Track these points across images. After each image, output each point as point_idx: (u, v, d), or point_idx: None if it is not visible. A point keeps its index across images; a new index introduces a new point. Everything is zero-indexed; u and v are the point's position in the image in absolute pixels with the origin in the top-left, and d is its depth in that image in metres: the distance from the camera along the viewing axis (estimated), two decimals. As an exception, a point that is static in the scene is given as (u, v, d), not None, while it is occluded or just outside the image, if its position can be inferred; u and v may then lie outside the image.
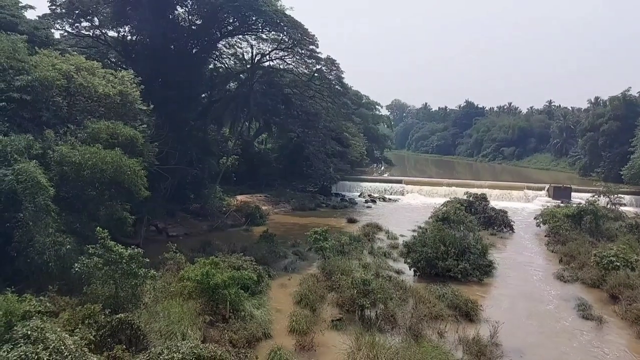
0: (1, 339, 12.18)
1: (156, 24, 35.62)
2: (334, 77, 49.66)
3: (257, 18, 40.35)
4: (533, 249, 35.61)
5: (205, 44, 42.57)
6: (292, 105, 50.45)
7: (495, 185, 64.75)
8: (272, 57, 47.94)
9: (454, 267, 26.16)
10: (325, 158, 52.48)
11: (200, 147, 40.71)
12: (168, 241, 25.54)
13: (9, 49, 21.51)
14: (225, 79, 51.35)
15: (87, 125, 22.81)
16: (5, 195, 17.69)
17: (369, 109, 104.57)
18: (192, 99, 40.92)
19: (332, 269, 24.76)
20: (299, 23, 41.65)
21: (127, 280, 16.99)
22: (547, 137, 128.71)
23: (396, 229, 38.32)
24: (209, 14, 39.33)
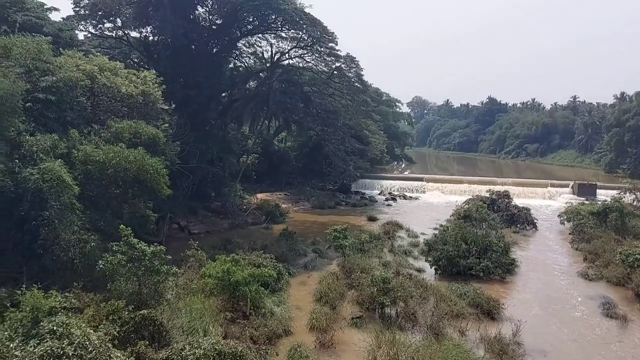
0: (28, 334, 12.50)
1: (177, 24, 36.00)
2: (354, 75, 49.52)
3: (277, 16, 40.51)
4: (557, 247, 35.08)
5: (226, 44, 42.88)
6: (312, 103, 50.45)
7: (518, 183, 63.87)
8: (292, 56, 48.14)
9: (475, 266, 25.95)
10: (345, 156, 52.40)
11: (220, 146, 41.03)
12: (190, 239, 25.84)
13: (34, 51, 21.93)
14: (245, 78, 51.64)
15: (111, 124, 23.16)
16: (31, 194, 18.09)
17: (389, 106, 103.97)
18: (213, 98, 41.30)
19: (351, 267, 24.79)
20: (318, 21, 41.68)
21: (150, 277, 17.25)
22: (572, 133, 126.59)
23: (417, 227, 38.11)
24: (229, 13, 39.60)
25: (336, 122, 51.18)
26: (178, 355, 13.04)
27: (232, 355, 13.31)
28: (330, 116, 50.83)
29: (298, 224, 39.63)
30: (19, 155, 18.76)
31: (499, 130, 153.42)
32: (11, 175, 17.85)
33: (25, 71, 21.14)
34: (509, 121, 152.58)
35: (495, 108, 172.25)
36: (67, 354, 11.41)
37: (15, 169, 18.13)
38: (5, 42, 22.09)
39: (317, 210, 48.43)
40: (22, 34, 24.13)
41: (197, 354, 12.92)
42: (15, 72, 20.29)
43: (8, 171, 17.75)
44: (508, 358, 16.58)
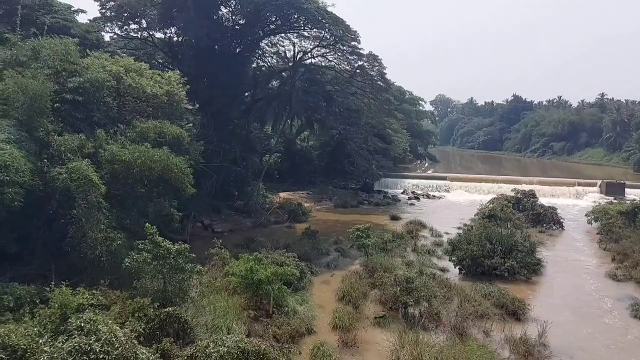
0: (57, 330, 12.77)
1: (201, 25, 36.32)
2: (376, 73, 49.29)
3: (299, 16, 40.57)
4: (584, 247, 34.36)
5: (249, 43, 43.12)
6: (334, 102, 50.41)
7: (544, 182, 62.78)
8: (314, 55, 48.14)
9: (500, 265, 25.59)
10: (367, 155, 52.23)
11: (243, 145, 41.31)
12: (213, 237, 26.06)
13: (62, 52, 22.35)
14: (267, 78, 51.86)
15: (136, 124, 23.47)
16: (59, 193, 18.49)
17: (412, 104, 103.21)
18: (236, 97, 41.60)
19: (374, 266, 24.70)
20: (341, 19, 41.61)
21: (174, 275, 17.42)
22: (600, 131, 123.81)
23: (440, 226, 37.76)
24: (252, 13, 39.80)
25: (359, 121, 51.05)
26: (202, 353, 13.17)
27: (256, 353, 13.39)
28: (353, 115, 50.73)
29: (320, 223, 39.64)
30: (47, 155, 19.17)
31: (524, 129, 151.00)
32: (40, 174, 18.26)
33: (53, 72, 21.59)
34: (534, 119, 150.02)
35: (521, 106, 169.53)
36: (94, 350, 11.63)
37: (44, 168, 18.54)
38: (34, 44, 22.61)
39: (340, 209, 48.37)
40: (51, 36, 24.66)
41: (221, 352, 13.04)
42: (44, 73, 20.74)
43: (37, 170, 18.14)
44: (534, 359, 16.31)
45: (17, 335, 11.92)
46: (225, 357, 12.97)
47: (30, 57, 22.02)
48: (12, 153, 16.90)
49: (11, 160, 16.56)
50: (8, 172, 16.28)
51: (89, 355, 11.54)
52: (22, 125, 18.93)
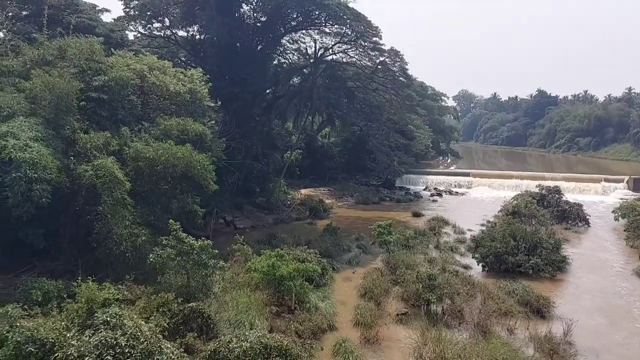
0: (84, 324, 13.02)
1: (223, 23, 36.54)
2: (398, 69, 48.96)
3: (320, 12, 40.48)
4: (610, 244, 33.68)
5: (270, 40, 43.22)
6: (355, 98, 50.22)
7: (569, 178, 61.64)
8: (335, 51, 47.97)
9: (524, 263, 25.27)
10: (389, 151, 51.94)
11: (265, 142, 41.49)
12: (235, 233, 26.25)
13: (87, 51, 22.72)
14: (289, 74, 51.90)
15: (160, 122, 23.74)
16: (85, 190, 18.85)
17: (434, 100, 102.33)
18: (257, 94, 41.77)
19: (396, 263, 24.62)
20: (362, 15, 41.38)
21: (198, 270, 17.64)
22: (627, 126, 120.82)
23: (463, 223, 37.42)
24: (273, 10, 39.87)
25: (380, 117, 50.79)
26: (225, 348, 13.29)
27: (278, 348, 13.47)
28: (374, 111, 50.47)
29: (342, 220, 39.63)
30: (74, 153, 19.53)
31: (549, 124, 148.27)
32: (67, 171, 18.61)
33: (79, 71, 21.95)
34: (559, 114, 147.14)
35: (545, 101, 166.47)
36: (120, 344, 11.84)
37: (71, 165, 18.89)
38: (60, 43, 23.02)
39: (361, 205, 48.27)
40: (76, 35, 25.05)
41: (243, 347, 13.15)
42: (70, 72, 21.10)
43: (64, 168, 18.49)
44: (559, 358, 16.10)
45: (46, 329, 12.19)
46: (248, 352, 13.08)
47: (56, 57, 22.42)
48: (39, 151, 17.27)
49: (39, 158, 16.92)
50: (36, 170, 16.64)
51: (114, 349, 11.76)
52: (49, 124, 19.31)
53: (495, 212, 40.28)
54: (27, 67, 21.80)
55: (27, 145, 17.06)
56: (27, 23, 29.26)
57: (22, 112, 19.16)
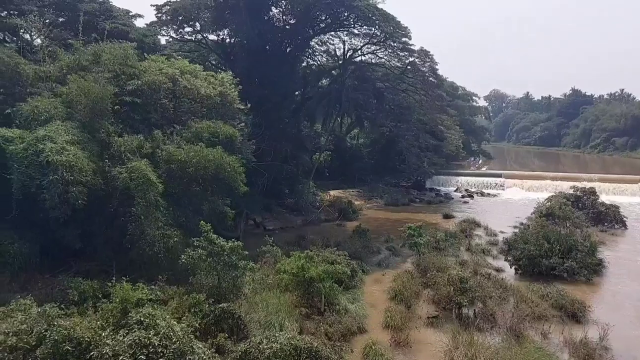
0: (118, 324, 13.29)
1: (252, 26, 36.89)
2: (428, 69, 48.54)
3: (349, 14, 40.49)
4: (650, 247, 32.58)
5: (299, 43, 43.41)
6: (384, 99, 49.99)
7: (605, 179, 59.91)
8: (364, 52, 47.96)
9: (559, 266, 24.69)
10: (419, 152, 51.51)
11: (294, 144, 41.64)
12: (265, 235, 26.42)
13: (121, 56, 23.22)
14: (317, 76, 52.04)
15: (191, 125, 24.08)
16: (120, 192, 19.23)
17: (465, 100, 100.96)
18: (287, 97, 41.99)
19: (427, 266, 24.35)
20: (391, 16, 41.18)
21: (228, 271, 17.81)
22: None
23: (495, 225, 36.79)
24: (302, 12, 40.03)
25: (410, 118, 50.46)
26: (256, 349, 13.39)
27: (308, 350, 13.49)
28: (404, 112, 50.18)
29: (371, 221, 39.45)
30: (108, 155, 19.95)
31: (583, 124, 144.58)
32: (102, 174, 19.02)
33: (113, 76, 22.43)
34: (594, 114, 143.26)
35: (580, 100, 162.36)
36: (153, 343, 12.05)
37: (106, 168, 19.30)
38: (95, 49, 23.60)
39: (391, 207, 47.97)
40: (110, 40, 25.62)
41: (274, 348, 13.21)
42: (104, 77, 21.58)
43: (99, 170, 18.91)
44: (595, 364, 15.65)
45: (82, 328, 12.49)
46: (278, 353, 13.14)
47: (91, 62, 22.98)
48: (76, 154, 17.71)
49: (75, 161, 17.36)
50: (72, 172, 17.08)
51: (148, 349, 11.98)
52: (85, 127, 19.81)
53: (528, 214, 39.51)
54: (64, 73, 22.40)
55: (64, 149, 17.51)
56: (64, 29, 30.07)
57: (59, 116, 19.68)
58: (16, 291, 16.94)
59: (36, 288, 17.73)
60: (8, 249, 18.29)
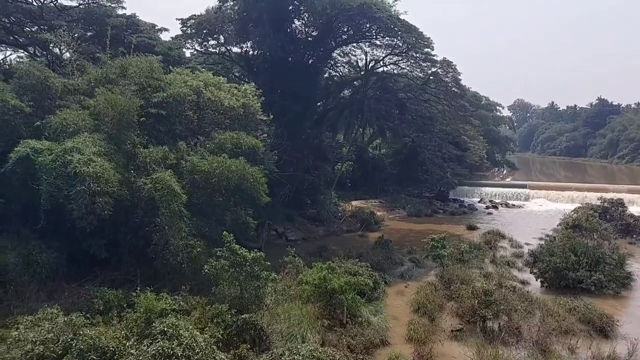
0: (142, 334, 13.42)
1: (275, 38, 37.28)
2: (451, 80, 48.28)
3: (371, 25, 40.59)
4: (682, 261, 31.60)
5: (321, 54, 43.70)
6: (407, 109, 49.85)
7: (634, 190, 58.50)
8: (386, 63, 47.98)
9: (586, 279, 24.13)
10: (442, 162, 51.13)
11: (316, 154, 41.76)
12: (287, 245, 26.44)
13: (147, 69, 23.65)
14: (339, 87, 52.24)
15: (214, 136, 24.34)
16: (145, 202, 19.53)
17: (488, 110, 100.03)
18: (308, 107, 42.22)
19: (450, 278, 24.05)
20: (414, 27, 41.16)
21: (250, 282, 17.84)
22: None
23: (520, 236, 36.21)
24: (324, 24, 40.31)
25: (432, 128, 50.17)
26: (278, 360, 13.36)
27: (330, 363, 13.40)
28: (426, 122, 49.93)
29: (393, 232, 39.20)
30: (134, 166, 20.29)
31: (610, 134, 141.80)
32: (127, 184, 19.34)
33: (139, 88, 22.86)
34: (622, 123, 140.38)
35: (606, 110, 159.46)
36: (176, 354, 12.13)
37: (131, 179, 19.63)
38: (122, 62, 24.09)
39: (413, 218, 47.60)
40: (137, 54, 26.15)
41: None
42: (131, 89, 22.01)
43: (125, 181, 19.23)
44: (626, 380, 15.21)
45: (107, 338, 12.66)
46: (300, 366, 13.09)
47: (118, 75, 23.46)
48: (102, 165, 18.05)
49: (102, 172, 17.69)
50: (99, 183, 17.39)
51: (171, 359, 12.05)
52: (111, 139, 20.19)
53: (554, 225, 38.76)
54: (92, 85, 22.92)
55: (91, 160, 17.87)
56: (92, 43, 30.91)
57: (87, 128, 20.12)
58: (43, 300, 17.26)
59: (63, 297, 18.04)
60: (36, 258, 18.71)
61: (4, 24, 31.52)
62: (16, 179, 18.62)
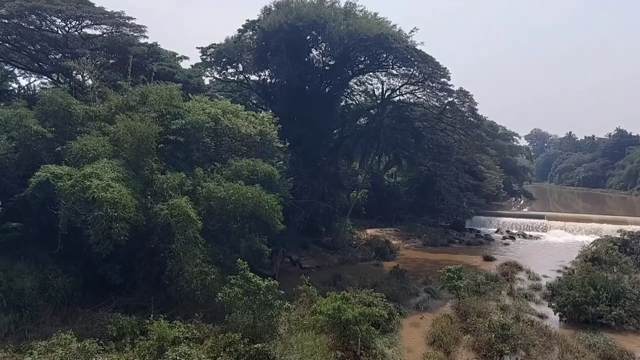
0: (155, 362, 13.37)
1: (293, 67, 37.83)
2: (467, 109, 48.30)
3: (388, 55, 40.98)
4: None
5: (338, 83, 44.13)
6: (423, 138, 49.89)
7: (655, 222, 57.31)
8: (402, 92, 48.26)
9: (606, 314, 23.52)
10: (458, 192, 50.77)
11: (331, 182, 41.80)
12: (301, 273, 26.27)
13: (167, 97, 24.12)
14: (355, 115, 52.51)
15: (231, 163, 24.55)
16: (161, 228, 19.66)
17: (505, 139, 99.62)
18: (325, 135, 42.47)
19: (467, 310, 23.63)
20: (430, 57, 41.46)
21: (264, 310, 17.70)
22: None
23: (538, 268, 35.54)
24: (342, 54, 40.80)
25: (449, 158, 50.00)
26: (290, 393, 13.14)
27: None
28: (443, 151, 49.82)
29: (409, 262, 38.78)
30: (151, 192, 20.51)
31: (630, 165, 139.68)
32: (144, 210, 19.52)
33: (158, 115, 23.27)
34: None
35: (625, 140, 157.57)
36: (188, 383, 12.00)
37: (148, 204, 19.81)
38: (142, 89, 24.62)
39: (429, 247, 47.08)
40: (157, 81, 26.70)
41: (308, 393, 12.93)
42: (150, 116, 22.41)
43: (141, 207, 19.42)
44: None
45: (119, 365, 12.60)
46: (312, 398, 12.85)
47: (139, 102, 23.94)
48: (120, 190, 18.28)
49: (119, 198, 17.91)
50: (116, 209, 17.60)
51: (183, 389, 11.94)
52: (130, 165, 20.49)
53: (573, 257, 37.97)
54: (112, 112, 23.40)
55: (109, 186, 18.13)
56: (114, 71, 31.63)
57: (106, 154, 20.48)
58: (58, 325, 17.33)
59: (77, 322, 18.10)
60: (52, 283, 18.86)
61: (30, 52, 32.49)
62: (35, 203, 18.94)
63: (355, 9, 40.05)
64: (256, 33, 40.68)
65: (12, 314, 17.45)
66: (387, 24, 40.12)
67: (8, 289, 17.85)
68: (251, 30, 41.15)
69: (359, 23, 37.74)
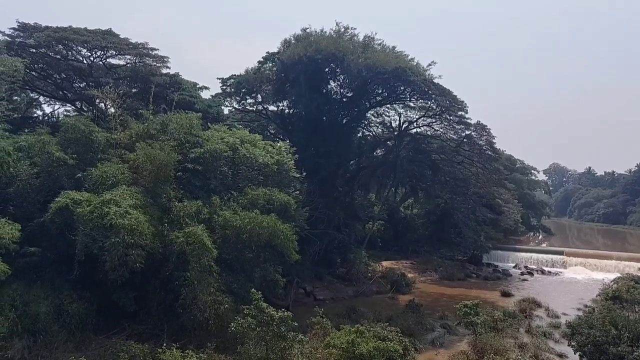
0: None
1: (311, 98, 38.33)
2: (485, 142, 48.27)
3: (405, 88, 41.38)
4: None
5: (355, 114, 44.51)
6: (440, 171, 49.76)
7: (678, 260, 55.84)
8: (420, 124, 48.51)
9: (627, 354, 22.65)
10: (475, 226, 50.23)
11: (347, 212, 41.69)
12: (315, 305, 25.95)
13: (187, 126, 24.54)
14: (372, 146, 52.71)
15: (247, 192, 24.68)
16: (176, 256, 19.70)
17: (523, 173, 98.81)
18: (341, 166, 42.65)
19: (484, 347, 23.03)
20: (448, 90, 41.74)
21: (277, 342, 17.49)
22: None
23: (557, 306, 34.69)
24: (359, 86, 41.28)
25: (466, 191, 49.66)
26: None
27: None
28: (460, 184, 49.54)
29: (425, 296, 38.17)
30: (168, 220, 20.66)
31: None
32: (160, 237, 19.64)
33: (178, 144, 23.64)
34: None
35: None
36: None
37: (164, 232, 19.93)
38: (163, 118, 25.12)
39: (446, 281, 46.33)
40: (177, 110, 27.19)
41: None
42: (170, 145, 22.76)
43: (158, 234, 19.55)
44: None
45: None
46: None
47: (159, 130, 24.38)
48: (137, 217, 18.46)
49: (137, 225, 18.07)
50: (133, 236, 17.75)
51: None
52: (148, 192, 20.74)
53: (593, 295, 37.13)
54: (133, 140, 23.83)
55: (127, 212, 18.32)
56: (136, 100, 32.34)
57: (125, 181, 20.77)
58: (71, 351, 17.32)
59: (90, 349, 18.09)
60: (67, 309, 18.93)
61: (55, 80, 33.45)
62: (54, 228, 19.19)
63: (373, 43, 40.72)
64: (275, 65, 41.45)
65: (26, 339, 17.51)
66: (405, 57, 40.68)
67: (23, 314, 17.96)
68: (271, 62, 41.95)
69: (377, 56, 38.25)
